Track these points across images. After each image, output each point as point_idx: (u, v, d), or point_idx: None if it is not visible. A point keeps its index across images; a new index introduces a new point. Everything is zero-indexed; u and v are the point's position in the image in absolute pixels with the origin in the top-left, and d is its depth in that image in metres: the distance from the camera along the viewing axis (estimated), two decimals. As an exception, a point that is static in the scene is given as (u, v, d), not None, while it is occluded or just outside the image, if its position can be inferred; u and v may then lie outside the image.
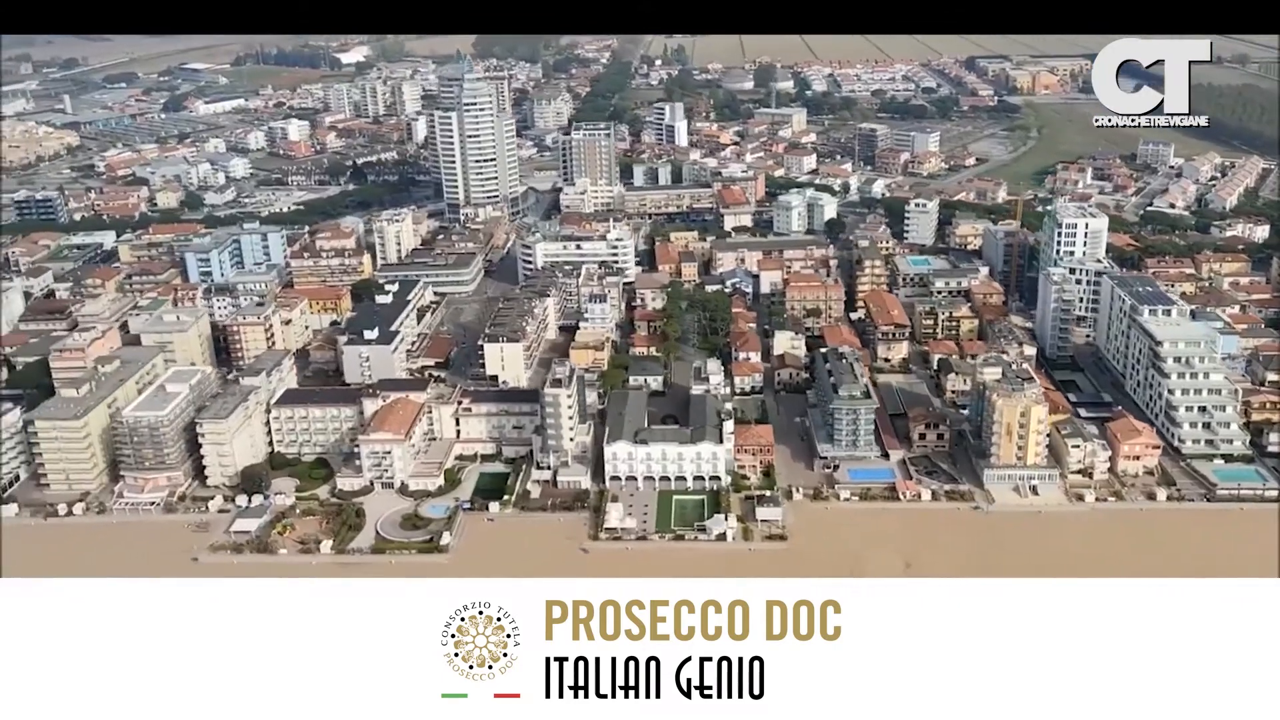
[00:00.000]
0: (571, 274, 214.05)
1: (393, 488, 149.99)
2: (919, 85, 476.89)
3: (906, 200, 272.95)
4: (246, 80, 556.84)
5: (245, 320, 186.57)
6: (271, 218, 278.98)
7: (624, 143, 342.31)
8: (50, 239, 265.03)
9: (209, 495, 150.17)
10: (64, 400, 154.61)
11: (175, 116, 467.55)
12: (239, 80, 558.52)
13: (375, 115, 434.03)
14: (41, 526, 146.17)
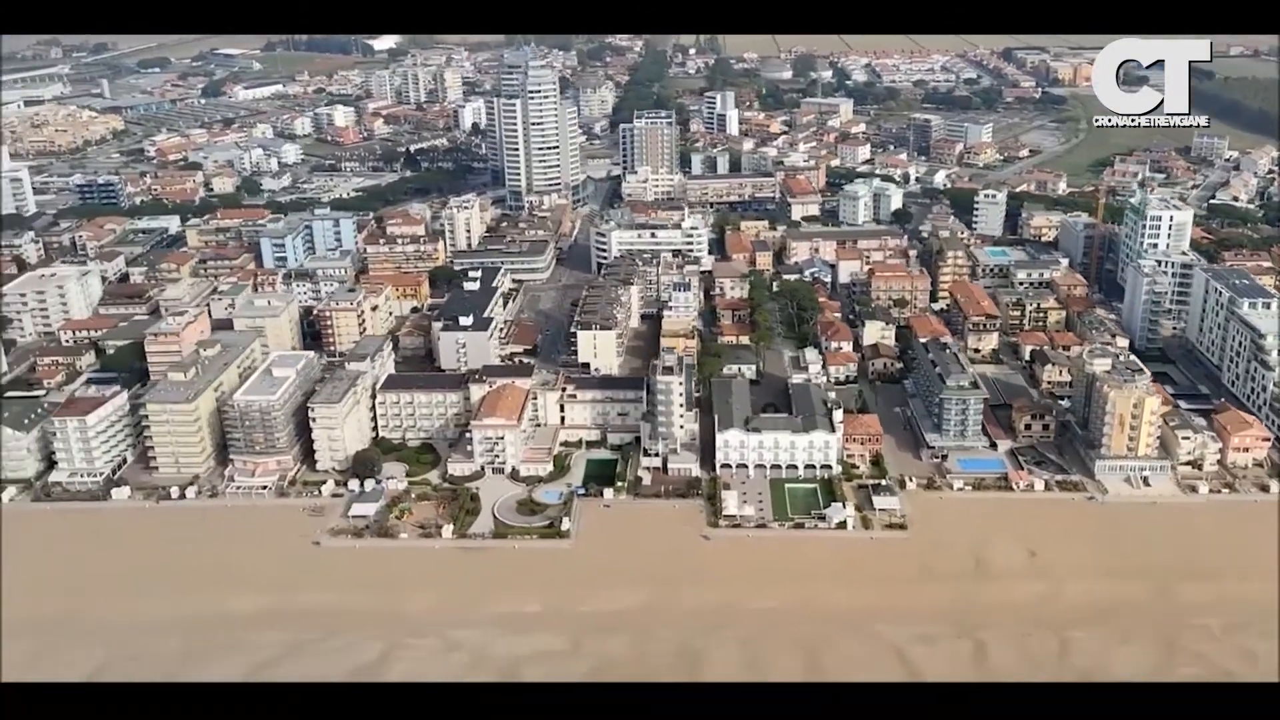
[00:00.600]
0: (651, 261, 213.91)
1: (503, 473, 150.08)
2: (959, 76, 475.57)
3: (970, 191, 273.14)
4: (280, 66, 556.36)
5: (338, 306, 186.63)
6: (333, 204, 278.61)
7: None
8: (115, 223, 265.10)
9: (319, 480, 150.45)
10: (172, 384, 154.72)
11: (215, 102, 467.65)
12: (272, 66, 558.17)
13: (417, 101, 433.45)
14: (156, 510, 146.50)
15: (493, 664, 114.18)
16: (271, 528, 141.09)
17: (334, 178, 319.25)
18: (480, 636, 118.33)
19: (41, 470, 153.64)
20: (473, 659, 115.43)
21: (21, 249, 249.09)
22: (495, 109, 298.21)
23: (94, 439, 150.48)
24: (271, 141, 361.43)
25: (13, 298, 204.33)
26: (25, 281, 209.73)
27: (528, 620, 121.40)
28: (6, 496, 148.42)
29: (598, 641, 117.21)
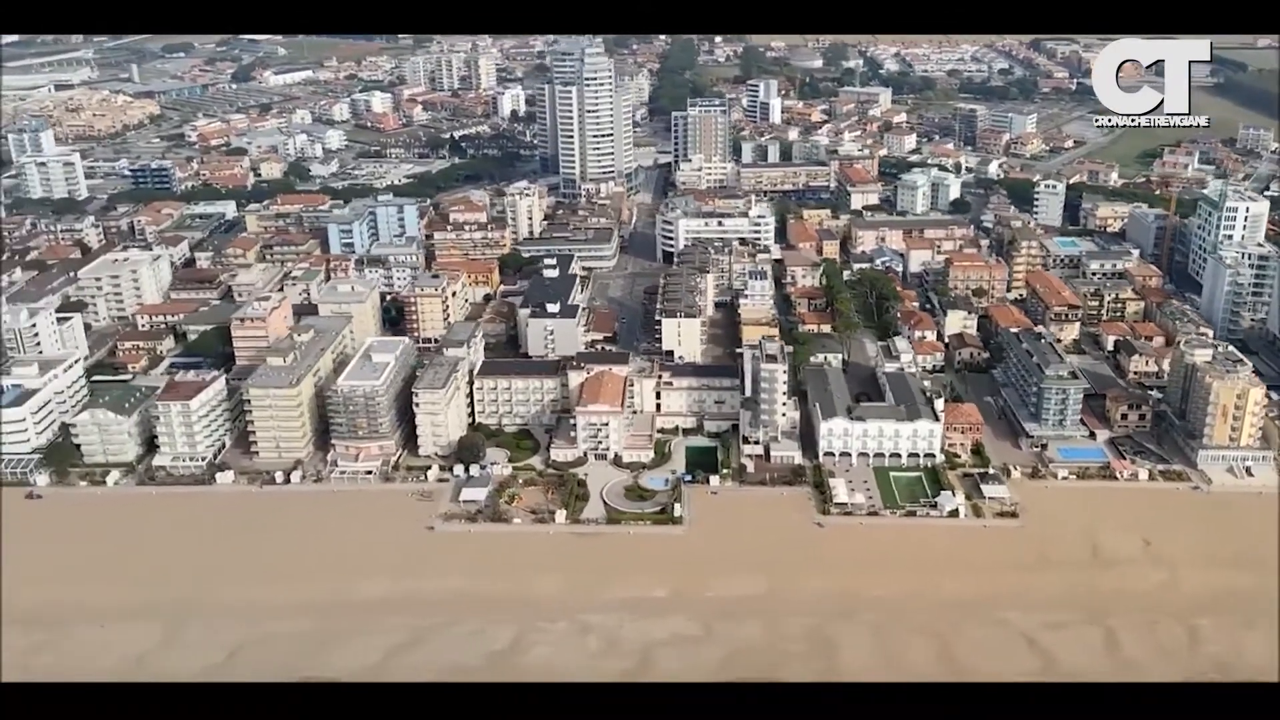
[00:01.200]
0: (722, 250, 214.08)
1: (605, 459, 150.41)
2: (991, 66, 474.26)
3: (1024, 181, 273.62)
4: (306, 52, 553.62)
5: (423, 292, 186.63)
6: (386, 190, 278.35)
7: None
8: (172, 208, 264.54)
9: (422, 465, 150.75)
10: (272, 369, 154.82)
11: (246, 87, 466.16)
12: (298, 51, 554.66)
13: (452, 88, 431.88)
14: (262, 494, 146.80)
15: (627, 649, 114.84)
16: (383, 513, 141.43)
17: (382, 164, 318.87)
18: (610, 621, 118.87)
19: (141, 454, 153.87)
20: (606, 644, 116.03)
21: (83, 233, 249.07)
22: (547, 96, 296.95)
23: (196, 423, 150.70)
24: (314, 127, 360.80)
25: (87, 282, 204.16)
26: (99, 266, 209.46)
27: (655, 605, 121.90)
28: (110, 480, 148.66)
29: (729, 627, 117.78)
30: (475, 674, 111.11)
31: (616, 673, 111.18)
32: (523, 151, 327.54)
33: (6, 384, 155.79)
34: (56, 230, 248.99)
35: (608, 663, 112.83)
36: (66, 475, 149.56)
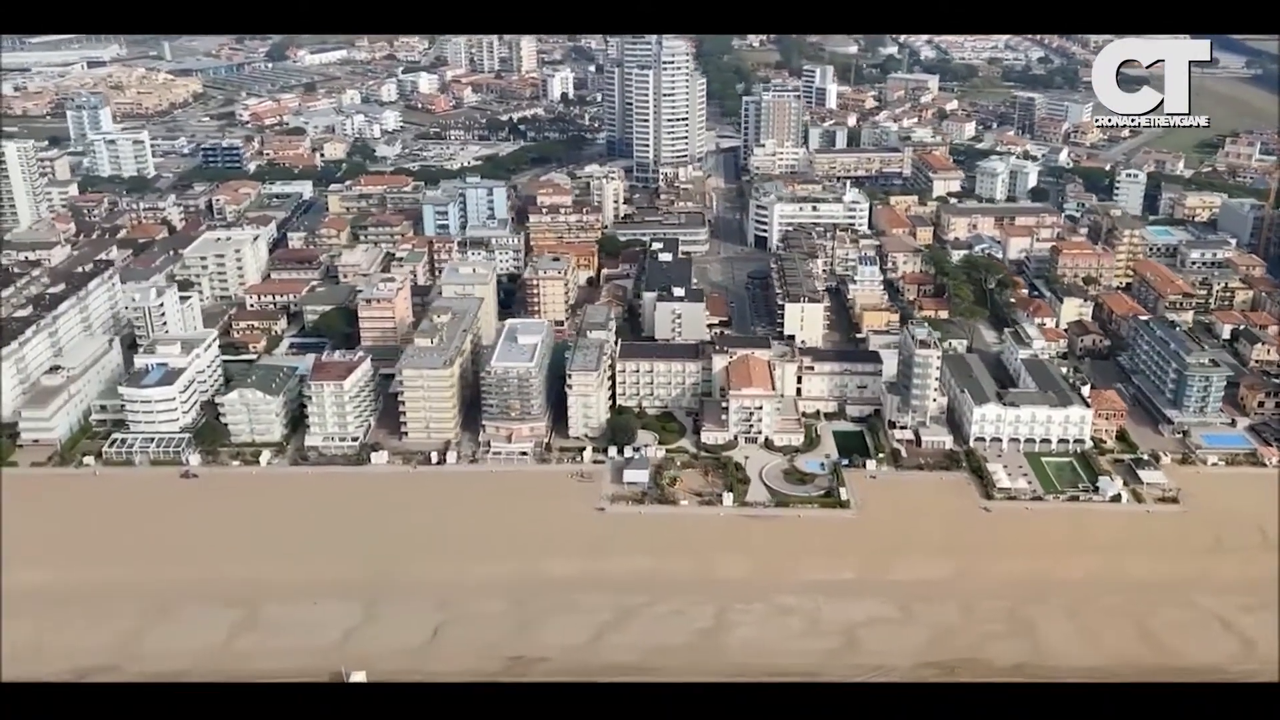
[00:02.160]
0: (825, 235, 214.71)
1: (755, 443, 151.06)
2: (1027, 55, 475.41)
3: (1097, 169, 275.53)
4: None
5: (546, 274, 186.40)
6: (457, 172, 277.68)
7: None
8: (249, 187, 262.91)
9: (574, 446, 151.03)
10: (422, 350, 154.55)
11: (281, 66, 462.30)
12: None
13: (492, 70, 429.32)
14: (420, 475, 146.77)
15: (829, 629, 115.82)
16: (547, 493, 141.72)
17: (448, 146, 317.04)
18: (807, 603, 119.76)
19: (286, 434, 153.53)
20: (808, 624, 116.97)
21: (166, 211, 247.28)
22: (616, 79, 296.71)
23: (348, 403, 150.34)
24: (369, 108, 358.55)
25: (193, 261, 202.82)
26: (202, 245, 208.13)
27: (844, 588, 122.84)
28: (263, 460, 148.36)
29: (925, 609, 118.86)
30: (671, 655, 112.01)
31: (822, 653, 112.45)
32: (586, 135, 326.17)
33: (151, 363, 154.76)
34: (139, 209, 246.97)
35: (814, 643, 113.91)
36: (217, 455, 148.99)
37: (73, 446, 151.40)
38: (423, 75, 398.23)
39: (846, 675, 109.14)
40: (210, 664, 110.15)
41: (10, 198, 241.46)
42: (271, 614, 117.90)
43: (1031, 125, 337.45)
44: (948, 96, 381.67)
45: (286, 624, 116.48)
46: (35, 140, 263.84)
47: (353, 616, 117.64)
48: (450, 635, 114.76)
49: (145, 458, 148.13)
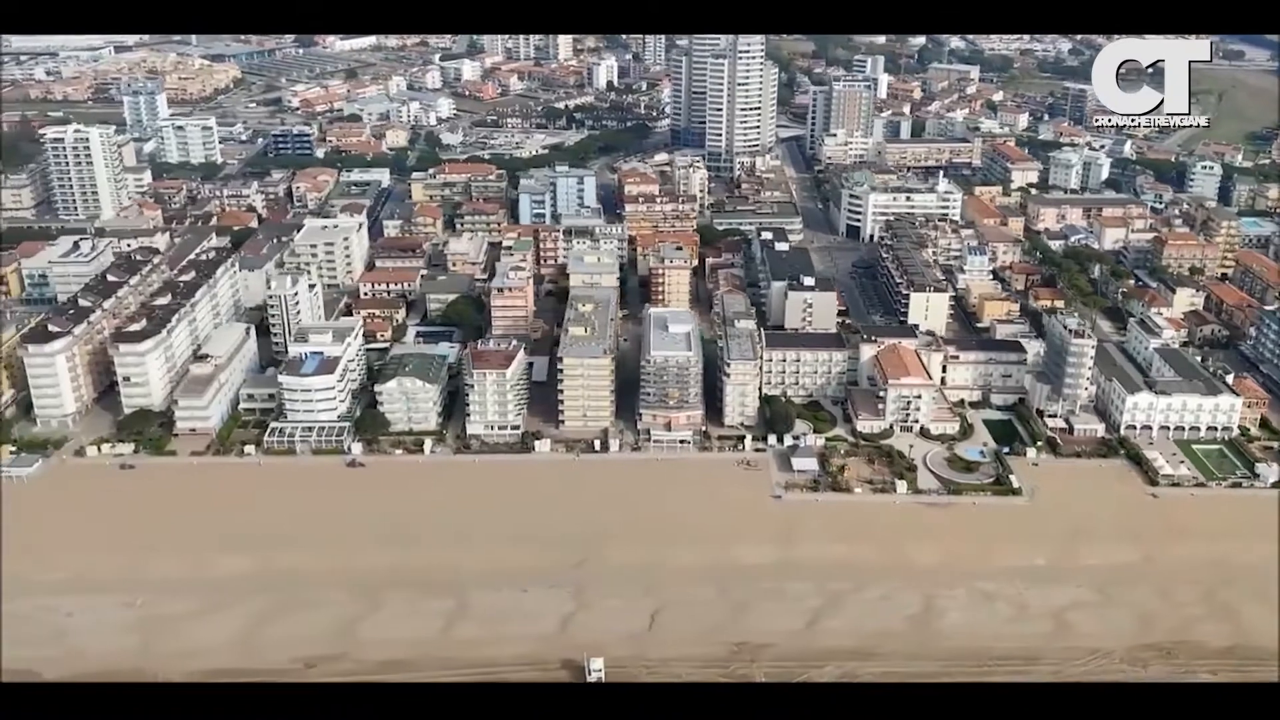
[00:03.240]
0: (927, 225, 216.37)
1: (911, 431, 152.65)
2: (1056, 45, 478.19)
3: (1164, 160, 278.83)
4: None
5: (672, 263, 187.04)
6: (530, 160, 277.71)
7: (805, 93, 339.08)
8: (327, 175, 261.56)
9: (730, 434, 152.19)
10: (578, 339, 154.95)
11: (313, 52, 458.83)
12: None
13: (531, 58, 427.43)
14: (587, 462, 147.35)
15: (1037, 613, 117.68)
16: (718, 481, 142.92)
17: (511, 134, 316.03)
18: (1008, 589, 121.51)
19: (441, 423, 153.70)
20: (1016, 610, 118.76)
21: (250, 198, 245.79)
22: (684, 68, 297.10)
23: (509, 391, 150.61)
24: (423, 95, 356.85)
25: (302, 248, 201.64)
26: (309, 233, 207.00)
27: (1039, 573, 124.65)
28: (427, 448, 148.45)
29: (1124, 593, 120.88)
30: (890, 640, 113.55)
31: (1036, 637, 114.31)
32: (646, 123, 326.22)
33: (305, 351, 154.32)
34: (223, 195, 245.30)
35: (1025, 628, 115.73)
36: (378, 443, 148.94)
37: (228, 435, 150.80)
38: (466, 63, 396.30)
39: (1064, 659, 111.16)
40: (435, 652, 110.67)
41: (93, 184, 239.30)
42: (482, 602, 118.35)
43: (1082, 117, 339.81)
44: (992, 87, 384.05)
45: (500, 612, 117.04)
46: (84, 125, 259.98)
47: (564, 603, 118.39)
48: (668, 622, 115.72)
49: (306, 447, 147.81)
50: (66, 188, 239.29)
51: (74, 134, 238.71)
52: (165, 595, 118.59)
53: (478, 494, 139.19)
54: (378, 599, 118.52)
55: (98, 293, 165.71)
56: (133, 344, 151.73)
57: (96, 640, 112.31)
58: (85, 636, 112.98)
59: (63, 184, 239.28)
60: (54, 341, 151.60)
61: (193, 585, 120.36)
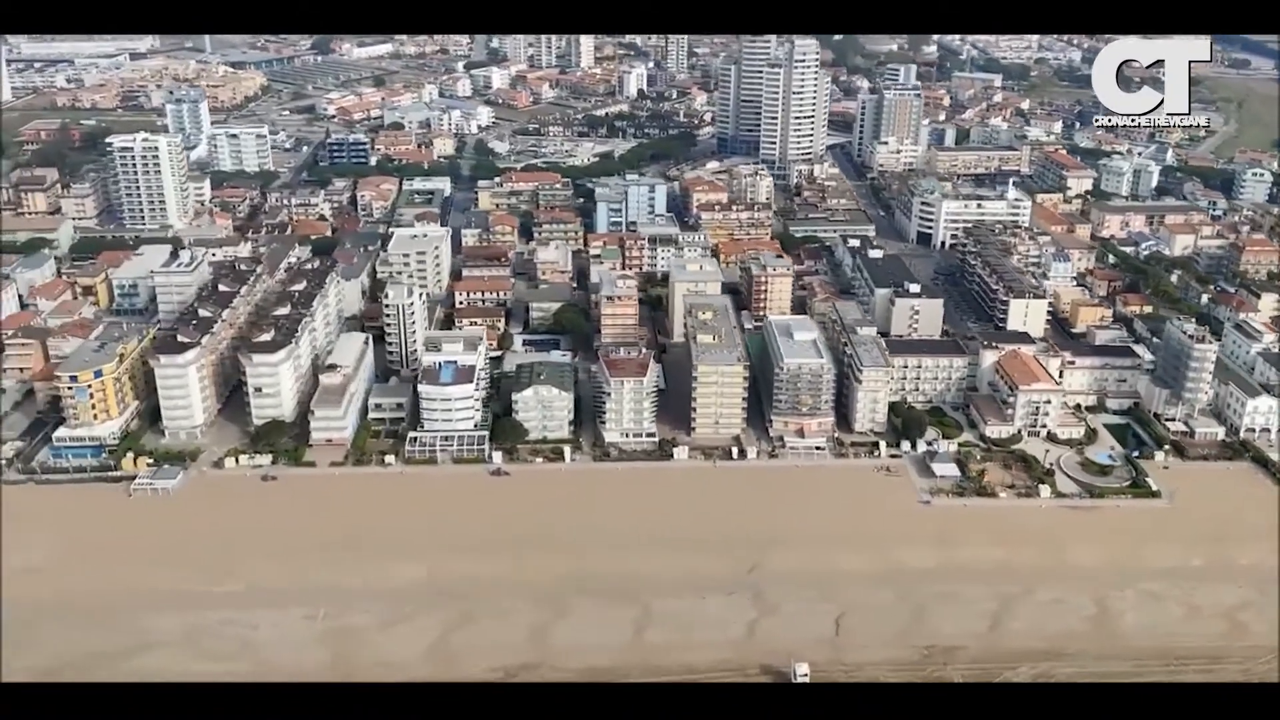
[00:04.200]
0: (1003, 232, 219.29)
1: (1039, 436, 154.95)
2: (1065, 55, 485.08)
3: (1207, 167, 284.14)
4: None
5: (775, 272, 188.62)
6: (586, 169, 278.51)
7: (838, 102, 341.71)
8: (389, 183, 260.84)
9: (862, 440, 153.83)
10: (708, 346, 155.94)
11: (331, 60, 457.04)
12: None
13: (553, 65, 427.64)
14: (726, 470, 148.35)
15: (1211, 613, 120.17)
16: (860, 487, 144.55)
17: (559, 142, 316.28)
18: (1173, 589, 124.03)
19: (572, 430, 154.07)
20: (1188, 609, 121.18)
21: (319, 206, 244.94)
22: (732, 76, 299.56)
23: (645, 399, 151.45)
24: (460, 103, 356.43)
25: (395, 258, 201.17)
26: (399, 242, 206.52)
27: (1200, 573, 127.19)
28: (567, 456, 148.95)
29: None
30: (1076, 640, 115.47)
31: (1216, 635, 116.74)
32: (691, 131, 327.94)
33: (439, 361, 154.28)
34: (290, 204, 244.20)
35: (1203, 627, 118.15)
36: (516, 452, 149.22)
37: (363, 445, 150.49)
38: (494, 71, 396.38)
39: (1248, 658, 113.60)
40: (633, 659, 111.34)
41: (160, 193, 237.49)
42: (665, 608, 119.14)
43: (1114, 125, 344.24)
44: (1017, 96, 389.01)
45: (685, 618, 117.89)
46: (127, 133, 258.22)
47: (746, 610, 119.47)
48: (853, 626, 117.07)
49: (447, 456, 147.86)
50: (134, 196, 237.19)
51: (142, 142, 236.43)
52: (346, 605, 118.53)
53: (630, 501, 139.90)
54: (561, 606, 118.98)
55: (216, 302, 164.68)
56: (266, 354, 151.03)
57: (287, 653, 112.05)
58: (275, 649, 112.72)
59: (130, 193, 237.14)
60: (186, 352, 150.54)
61: (371, 595, 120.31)
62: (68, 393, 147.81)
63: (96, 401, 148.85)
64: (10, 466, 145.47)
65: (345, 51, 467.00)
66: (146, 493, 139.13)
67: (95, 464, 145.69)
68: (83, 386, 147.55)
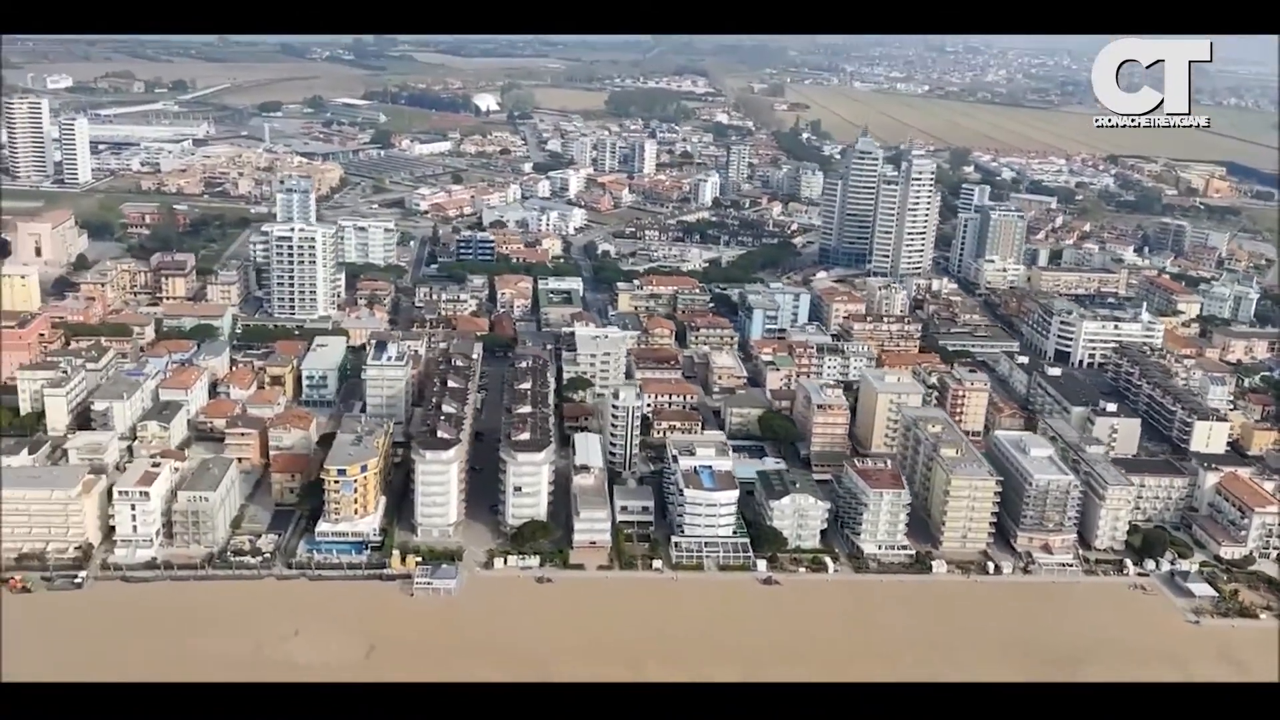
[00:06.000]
0: (1153, 354, 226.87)
1: (1269, 557, 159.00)
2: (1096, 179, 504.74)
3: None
4: (408, 121, 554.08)
5: (972, 386, 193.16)
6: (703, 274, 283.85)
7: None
8: (526, 282, 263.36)
9: (1105, 557, 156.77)
10: (957, 458, 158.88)
11: (393, 155, 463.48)
12: (399, 120, 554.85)
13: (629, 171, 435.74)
14: (989, 585, 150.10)
15: None
16: (1122, 605, 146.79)
17: (669, 246, 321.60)
18: None
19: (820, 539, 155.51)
20: None
21: (467, 303, 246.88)
22: (839, 191, 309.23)
23: (901, 511, 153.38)
24: (557, 204, 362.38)
25: (584, 358, 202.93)
26: (584, 342, 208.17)
27: None
28: (830, 568, 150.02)
29: None
30: None
31: None
32: (791, 241, 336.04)
33: (694, 465, 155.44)
34: (440, 299, 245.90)
35: None
36: (777, 560, 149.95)
37: (620, 547, 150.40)
38: (571, 173, 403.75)
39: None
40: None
41: (313, 283, 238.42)
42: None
43: (1182, 250, 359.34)
44: (1078, 219, 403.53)
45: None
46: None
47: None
48: None
49: (712, 562, 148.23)
50: (285, 285, 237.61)
51: (299, 232, 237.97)
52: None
53: (915, 613, 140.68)
54: None
55: (455, 398, 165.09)
56: (530, 453, 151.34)
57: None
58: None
59: (281, 281, 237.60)
60: (449, 449, 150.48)
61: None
62: (334, 486, 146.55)
63: (359, 496, 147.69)
64: (274, 560, 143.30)
65: (406, 147, 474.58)
66: (427, 593, 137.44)
67: (362, 560, 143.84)
68: (349, 481, 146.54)
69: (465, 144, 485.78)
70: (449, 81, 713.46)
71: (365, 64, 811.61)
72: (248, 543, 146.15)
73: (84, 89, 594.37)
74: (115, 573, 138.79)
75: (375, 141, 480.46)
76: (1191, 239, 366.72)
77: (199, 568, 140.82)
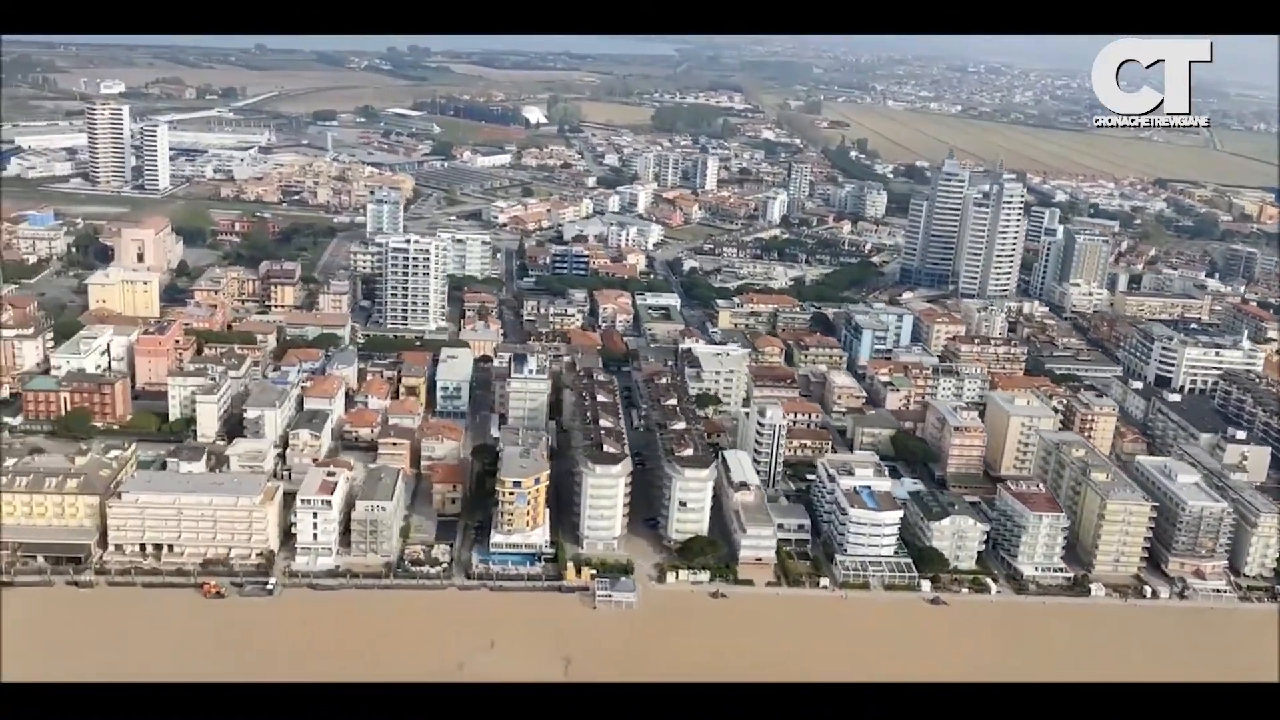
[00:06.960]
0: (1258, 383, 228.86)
1: None
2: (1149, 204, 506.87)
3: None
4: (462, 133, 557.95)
5: (1102, 410, 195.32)
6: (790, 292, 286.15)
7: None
8: (625, 297, 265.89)
9: (1259, 585, 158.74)
10: (1112, 483, 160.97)
11: (456, 166, 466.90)
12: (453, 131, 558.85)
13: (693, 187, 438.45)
14: (1148, 608, 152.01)
15: None
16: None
17: (753, 264, 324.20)
18: None
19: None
20: None
21: (574, 317, 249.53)
22: (924, 211, 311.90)
23: (1059, 534, 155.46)
24: (632, 219, 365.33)
25: (708, 375, 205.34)
26: (707, 359, 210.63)
27: None
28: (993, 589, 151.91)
29: None
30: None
31: None
32: (871, 261, 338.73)
33: (855, 485, 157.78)
34: (549, 313, 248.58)
35: None
36: (939, 580, 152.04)
37: (784, 564, 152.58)
38: (639, 189, 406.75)
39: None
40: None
41: (425, 295, 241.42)
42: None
43: (1253, 276, 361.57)
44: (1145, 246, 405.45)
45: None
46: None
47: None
48: None
49: (877, 581, 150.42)
50: (398, 297, 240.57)
51: (415, 245, 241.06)
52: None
53: (1086, 636, 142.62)
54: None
55: (609, 412, 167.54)
56: (697, 470, 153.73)
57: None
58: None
59: (395, 293, 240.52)
60: (617, 464, 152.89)
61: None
62: (508, 498, 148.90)
63: (530, 508, 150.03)
64: (452, 570, 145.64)
65: (467, 159, 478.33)
66: (609, 605, 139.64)
67: (538, 572, 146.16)
68: (524, 493, 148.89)
69: (524, 157, 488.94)
70: (492, 93, 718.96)
71: (405, 74, 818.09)
72: (421, 552, 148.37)
73: (136, 94, 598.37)
74: (302, 580, 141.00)
75: (436, 153, 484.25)
76: (1262, 265, 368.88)
77: (381, 576, 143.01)
